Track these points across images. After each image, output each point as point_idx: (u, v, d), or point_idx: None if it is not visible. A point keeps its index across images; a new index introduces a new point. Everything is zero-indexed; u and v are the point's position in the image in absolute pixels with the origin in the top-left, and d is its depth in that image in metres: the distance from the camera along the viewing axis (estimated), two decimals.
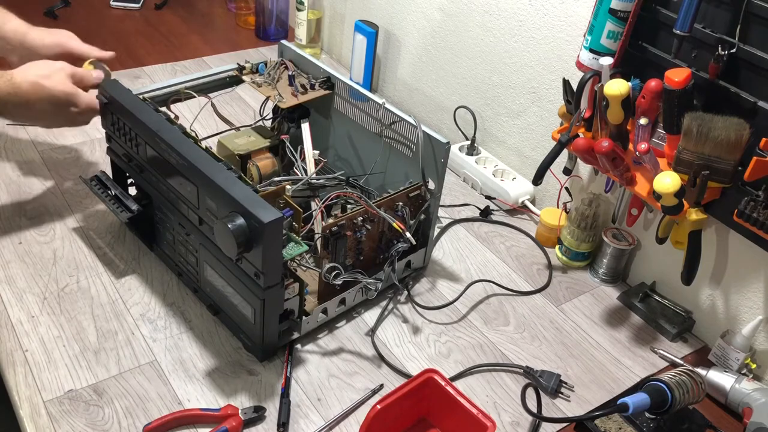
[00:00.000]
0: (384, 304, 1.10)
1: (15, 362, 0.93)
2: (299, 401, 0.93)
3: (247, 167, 1.10)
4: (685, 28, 0.93)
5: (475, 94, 1.44)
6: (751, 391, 0.97)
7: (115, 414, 0.88)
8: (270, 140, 1.14)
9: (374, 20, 1.59)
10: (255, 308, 0.90)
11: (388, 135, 1.12)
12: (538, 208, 1.33)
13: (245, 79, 1.17)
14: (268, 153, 1.13)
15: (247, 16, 1.90)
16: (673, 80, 0.92)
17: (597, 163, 1.01)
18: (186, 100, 1.12)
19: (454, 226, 1.29)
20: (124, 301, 1.04)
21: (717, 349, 1.05)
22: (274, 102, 1.13)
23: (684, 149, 0.94)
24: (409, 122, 1.05)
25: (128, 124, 0.99)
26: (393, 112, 1.08)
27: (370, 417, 0.82)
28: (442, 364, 1.01)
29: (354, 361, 1.00)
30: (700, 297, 1.12)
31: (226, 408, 0.88)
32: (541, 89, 1.29)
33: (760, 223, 0.92)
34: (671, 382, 0.86)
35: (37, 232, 1.14)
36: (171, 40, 1.78)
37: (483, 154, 1.42)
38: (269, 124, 1.25)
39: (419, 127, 1.03)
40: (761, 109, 0.92)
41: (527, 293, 1.16)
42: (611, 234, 1.18)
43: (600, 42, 1.02)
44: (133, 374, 0.94)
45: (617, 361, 1.06)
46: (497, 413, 0.95)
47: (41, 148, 1.33)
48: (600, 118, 1.04)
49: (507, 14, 1.31)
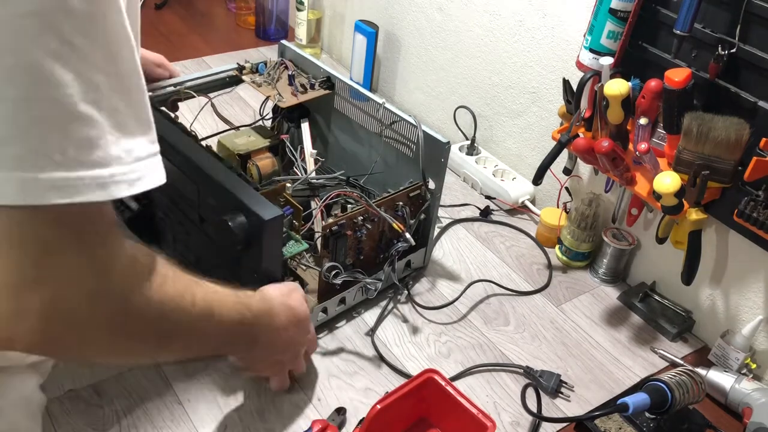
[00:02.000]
0: (384, 303, 1.10)
1: None
2: (299, 401, 0.93)
3: (247, 167, 1.10)
4: (685, 28, 0.93)
5: (475, 94, 1.44)
6: (751, 391, 0.97)
7: (115, 414, 0.88)
8: (270, 140, 1.14)
9: (374, 20, 1.59)
10: None
11: (388, 135, 1.12)
12: (538, 208, 1.33)
13: (245, 79, 1.17)
14: (268, 153, 1.13)
15: (247, 16, 1.91)
16: (673, 80, 0.92)
17: (597, 163, 1.01)
18: (186, 100, 1.12)
19: (454, 226, 1.29)
20: None
21: (717, 349, 1.05)
22: (273, 102, 1.13)
23: (684, 149, 0.94)
24: (409, 122, 1.05)
25: None
26: (393, 111, 1.08)
27: (370, 417, 0.82)
28: (442, 364, 1.01)
29: (354, 361, 1.00)
30: (700, 297, 1.12)
31: (315, 424, 0.87)
32: (541, 89, 1.29)
33: (760, 223, 0.93)
34: (671, 382, 0.86)
35: None
36: (171, 40, 1.78)
37: (483, 154, 1.42)
38: (269, 124, 1.25)
39: (419, 127, 1.03)
40: (761, 109, 0.93)
41: (527, 293, 1.16)
42: (611, 234, 1.18)
43: (600, 42, 1.02)
44: (133, 374, 0.94)
45: (617, 361, 1.06)
46: (497, 413, 0.95)
47: None
48: (600, 118, 1.04)
49: (507, 14, 1.31)
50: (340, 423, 0.90)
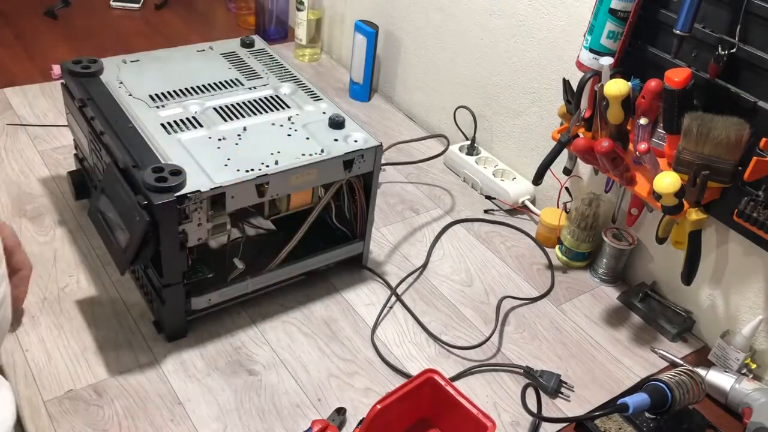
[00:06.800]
0: (384, 304, 1.10)
1: (15, 362, 0.93)
2: (299, 401, 0.93)
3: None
4: (685, 28, 0.93)
5: (475, 94, 1.44)
6: (751, 391, 0.97)
7: (115, 414, 0.88)
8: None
9: (374, 20, 1.59)
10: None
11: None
12: (538, 208, 1.33)
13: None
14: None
15: (247, 16, 1.90)
16: (673, 80, 0.92)
17: (597, 163, 1.01)
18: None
19: (454, 226, 1.29)
20: (124, 301, 1.04)
21: (717, 349, 1.05)
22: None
23: (684, 149, 0.94)
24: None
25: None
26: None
27: (370, 417, 0.82)
28: (442, 364, 1.01)
29: (354, 361, 1.00)
30: (700, 297, 1.12)
31: (315, 424, 0.87)
32: (541, 89, 1.29)
33: (760, 223, 0.93)
34: (671, 382, 0.86)
35: (37, 232, 1.14)
36: (171, 40, 1.78)
37: (483, 154, 1.42)
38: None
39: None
40: (761, 109, 0.93)
41: (536, 299, 1.15)
42: (611, 234, 1.18)
43: (600, 42, 1.02)
44: (133, 374, 0.94)
45: (617, 361, 1.06)
46: (497, 413, 0.95)
47: (41, 148, 1.33)
48: (600, 118, 1.04)
49: (507, 14, 1.31)
50: (340, 423, 0.90)
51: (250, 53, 1.22)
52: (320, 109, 1.09)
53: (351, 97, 1.66)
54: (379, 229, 1.25)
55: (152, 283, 0.98)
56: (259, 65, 1.19)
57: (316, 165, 0.98)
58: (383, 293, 1.12)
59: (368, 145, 1.02)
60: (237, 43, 1.24)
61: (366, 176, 1.06)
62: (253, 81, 1.14)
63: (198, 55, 1.19)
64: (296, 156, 0.98)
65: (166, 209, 0.86)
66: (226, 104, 1.07)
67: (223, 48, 1.22)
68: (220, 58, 1.19)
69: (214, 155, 0.96)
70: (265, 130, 1.03)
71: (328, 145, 1.01)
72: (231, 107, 1.07)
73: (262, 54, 1.22)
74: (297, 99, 1.11)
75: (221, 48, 1.22)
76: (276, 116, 1.06)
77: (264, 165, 0.95)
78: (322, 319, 1.06)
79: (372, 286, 1.13)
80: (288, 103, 1.10)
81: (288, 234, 1.04)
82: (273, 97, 1.11)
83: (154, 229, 0.87)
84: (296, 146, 1.00)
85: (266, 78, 1.15)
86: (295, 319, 1.06)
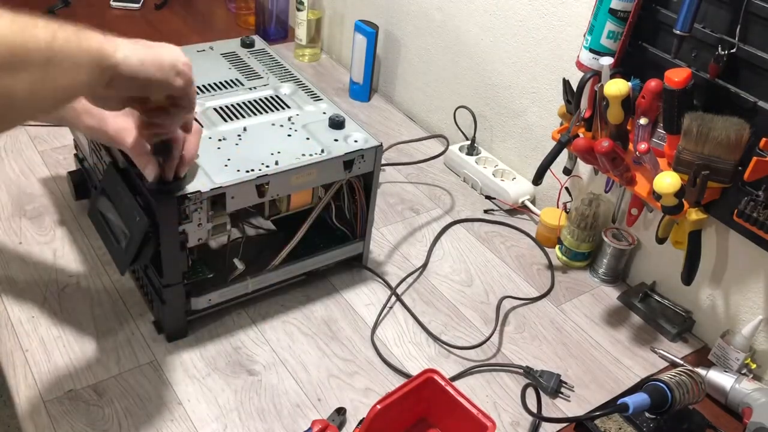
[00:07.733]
0: (384, 304, 1.10)
1: (15, 362, 0.93)
2: (299, 401, 0.93)
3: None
4: (685, 28, 0.93)
5: (475, 94, 1.44)
6: (751, 391, 0.97)
7: (115, 414, 0.88)
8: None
9: (374, 20, 1.59)
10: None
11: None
12: (538, 208, 1.33)
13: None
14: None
15: (247, 16, 1.90)
16: (673, 80, 0.92)
17: (597, 163, 1.01)
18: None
19: (454, 226, 1.29)
20: (124, 301, 1.04)
21: (717, 349, 1.05)
22: None
23: (684, 149, 0.94)
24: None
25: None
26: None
27: (370, 417, 0.82)
28: (442, 364, 1.01)
29: (354, 361, 1.00)
30: (700, 297, 1.12)
31: (315, 424, 0.87)
32: (541, 89, 1.29)
33: (760, 223, 0.93)
34: (671, 382, 0.86)
35: (37, 232, 1.14)
36: (171, 40, 1.76)
37: (483, 154, 1.42)
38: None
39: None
40: (761, 109, 0.93)
41: (536, 299, 1.15)
42: (611, 234, 1.18)
43: (600, 42, 1.02)
44: (133, 374, 0.94)
45: (617, 361, 1.06)
46: (497, 413, 0.95)
47: (41, 148, 1.33)
48: (600, 118, 1.04)
49: (507, 14, 1.31)
50: (340, 423, 0.90)
51: (250, 53, 1.22)
52: (320, 109, 1.09)
53: (351, 97, 1.66)
54: (379, 229, 1.25)
55: (152, 283, 0.98)
56: (259, 65, 1.19)
57: (316, 165, 0.98)
58: (383, 293, 1.12)
59: (368, 145, 1.02)
60: (237, 43, 1.24)
61: (366, 176, 1.06)
62: (254, 81, 1.14)
63: (198, 56, 1.19)
64: (296, 156, 0.98)
65: (166, 209, 0.86)
66: (227, 104, 1.07)
67: (223, 48, 1.22)
68: (220, 59, 1.19)
69: (215, 155, 0.96)
70: (265, 130, 1.03)
71: (328, 145, 1.01)
72: (231, 107, 1.07)
73: (262, 54, 1.23)
74: (297, 99, 1.11)
75: (221, 48, 1.22)
76: (276, 116, 1.06)
77: (264, 165, 0.95)
78: (322, 319, 1.06)
79: (372, 286, 1.13)
80: (288, 103, 1.10)
81: (288, 234, 1.05)
82: (273, 97, 1.11)
83: (154, 230, 0.87)
84: (296, 146, 1.00)
85: (266, 78, 1.15)
86: (295, 319, 1.06)
